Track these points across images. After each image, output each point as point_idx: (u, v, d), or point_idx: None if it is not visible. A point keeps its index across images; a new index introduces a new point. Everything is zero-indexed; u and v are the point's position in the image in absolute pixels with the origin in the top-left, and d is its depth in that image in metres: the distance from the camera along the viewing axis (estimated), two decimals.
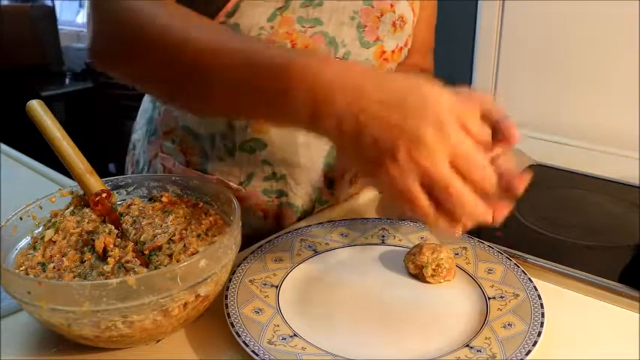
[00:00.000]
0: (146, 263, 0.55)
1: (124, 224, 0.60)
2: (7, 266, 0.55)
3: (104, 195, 0.61)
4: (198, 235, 0.59)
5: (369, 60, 0.77)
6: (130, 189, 0.68)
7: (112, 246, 0.56)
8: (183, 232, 0.60)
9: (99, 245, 0.56)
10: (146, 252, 0.57)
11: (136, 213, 0.62)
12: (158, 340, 0.57)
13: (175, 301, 0.51)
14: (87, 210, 0.61)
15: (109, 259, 0.54)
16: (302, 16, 0.71)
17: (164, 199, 0.65)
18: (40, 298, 0.49)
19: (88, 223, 0.59)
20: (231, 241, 0.56)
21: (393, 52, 0.80)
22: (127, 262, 0.54)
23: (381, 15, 0.76)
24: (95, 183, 0.61)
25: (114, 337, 0.52)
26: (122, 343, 0.54)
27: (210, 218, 0.62)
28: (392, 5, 0.76)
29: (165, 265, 0.54)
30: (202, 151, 0.81)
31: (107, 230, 0.57)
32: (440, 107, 0.47)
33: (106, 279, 0.52)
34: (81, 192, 0.63)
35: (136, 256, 0.55)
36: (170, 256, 0.56)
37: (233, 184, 0.80)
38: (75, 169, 0.62)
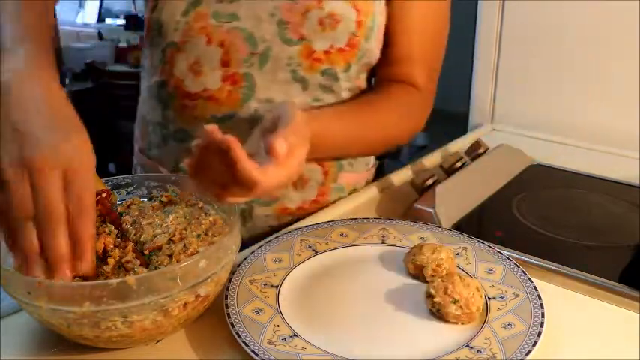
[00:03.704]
0: (146, 263, 0.55)
1: (124, 224, 0.60)
2: (7, 266, 0.55)
3: (104, 195, 0.61)
4: (198, 235, 0.59)
5: (294, 59, 0.75)
6: (130, 189, 0.68)
7: (111, 246, 0.56)
8: (184, 232, 0.59)
9: (99, 245, 0.56)
10: (146, 252, 0.57)
11: (136, 213, 0.62)
12: (158, 340, 0.57)
13: (175, 301, 0.51)
14: None
15: (109, 259, 0.54)
16: (217, 10, 0.72)
17: (164, 199, 0.65)
18: (40, 298, 0.49)
19: None
20: (231, 241, 0.56)
21: (327, 52, 0.76)
22: (127, 262, 0.54)
23: (306, 12, 0.73)
24: (95, 183, 0.61)
25: (114, 337, 0.52)
26: (122, 343, 0.54)
27: (210, 218, 0.62)
28: (319, 2, 0.73)
29: (165, 265, 0.55)
30: (148, 138, 0.84)
31: (107, 230, 0.57)
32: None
33: (105, 279, 0.52)
34: None
35: (136, 256, 0.55)
36: (170, 256, 0.56)
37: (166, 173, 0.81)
38: None
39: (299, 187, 0.82)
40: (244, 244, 0.64)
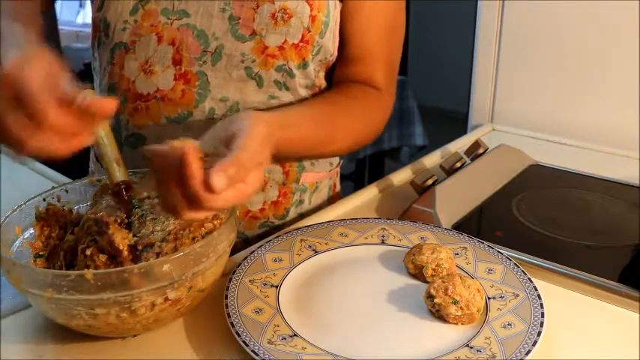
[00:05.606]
0: (136, 259, 0.55)
1: (132, 217, 0.60)
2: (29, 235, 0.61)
3: (124, 186, 0.61)
4: (194, 238, 0.59)
5: (247, 55, 0.74)
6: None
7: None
8: (181, 232, 0.59)
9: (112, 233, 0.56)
10: (139, 247, 0.57)
11: (146, 207, 0.62)
12: (134, 335, 0.57)
13: (139, 300, 0.51)
14: (107, 197, 0.62)
15: None
16: (167, 7, 0.71)
17: None
18: (15, 278, 0.51)
19: (106, 208, 0.60)
20: (207, 249, 0.55)
21: (280, 48, 0.74)
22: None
23: (257, 7, 0.72)
24: (119, 173, 0.61)
25: (82, 326, 0.53)
26: (93, 331, 0.54)
27: (216, 222, 0.62)
28: None
29: None
30: None
31: (118, 220, 0.58)
32: None
33: (95, 267, 0.54)
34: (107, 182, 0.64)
35: (129, 250, 0.55)
36: (159, 254, 0.56)
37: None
38: (104, 156, 0.62)
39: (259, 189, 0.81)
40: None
